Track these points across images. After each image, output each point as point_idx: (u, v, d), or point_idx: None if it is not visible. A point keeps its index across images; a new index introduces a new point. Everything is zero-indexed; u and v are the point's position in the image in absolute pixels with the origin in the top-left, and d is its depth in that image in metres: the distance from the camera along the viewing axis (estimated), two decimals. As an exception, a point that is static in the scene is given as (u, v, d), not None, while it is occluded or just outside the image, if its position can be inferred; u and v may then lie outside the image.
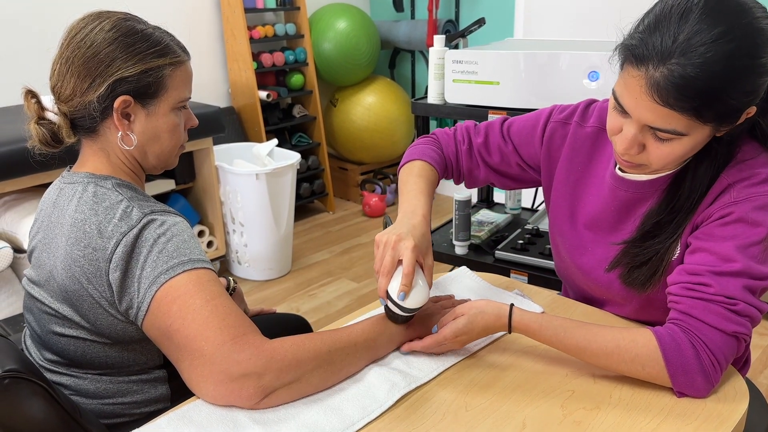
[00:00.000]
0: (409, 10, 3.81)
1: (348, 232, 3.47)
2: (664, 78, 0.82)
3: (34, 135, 1.02)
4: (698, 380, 0.87)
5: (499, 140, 1.20)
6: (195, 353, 0.86)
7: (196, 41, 3.25)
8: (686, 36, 0.81)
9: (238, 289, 1.37)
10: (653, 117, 0.86)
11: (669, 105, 0.83)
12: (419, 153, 1.20)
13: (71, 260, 0.95)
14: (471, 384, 0.95)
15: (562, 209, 1.15)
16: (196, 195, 2.88)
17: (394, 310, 0.98)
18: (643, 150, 0.92)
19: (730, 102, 0.83)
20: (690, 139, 0.88)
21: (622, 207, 1.06)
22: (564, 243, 1.16)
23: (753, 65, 0.82)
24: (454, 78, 1.93)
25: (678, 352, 0.88)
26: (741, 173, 0.92)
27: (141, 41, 0.98)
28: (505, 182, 1.24)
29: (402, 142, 3.80)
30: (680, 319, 0.90)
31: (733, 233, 0.90)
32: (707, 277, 0.89)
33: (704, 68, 0.80)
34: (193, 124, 1.10)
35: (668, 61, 0.82)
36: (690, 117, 0.84)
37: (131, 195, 0.98)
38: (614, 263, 1.04)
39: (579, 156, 1.12)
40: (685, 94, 0.82)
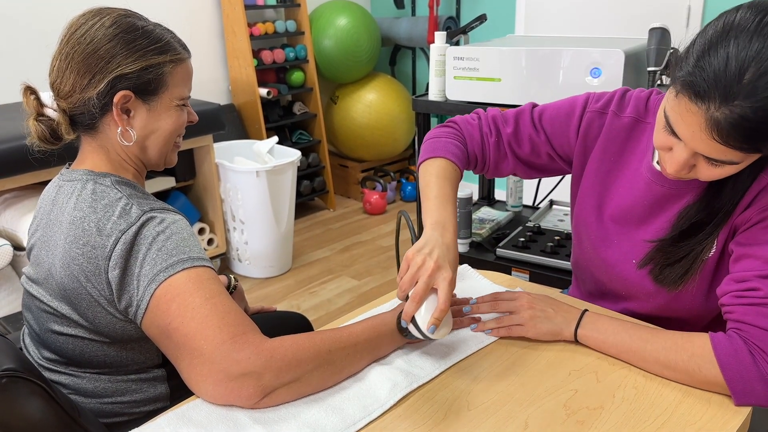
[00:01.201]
0: (410, 7, 3.80)
1: (349, 230, 3.46)
2: (725, 119, 0.78)
3: (32, 132, 1.02)
4: (758, 388, 0.85)
5: (530, 129, 1.15)
6: (194, 352, 0.86)
7: (197, 38, 3.24)
8: (751, 76, 0.76)
9: (238, 287, 1.36)
10: (709, 150, 0.83)
11: (729, 145, 0.80)
12: (442, 149, 1.13)
13: (70, 258, 0.94)
14: (473, 383, 0.94)
15: (589, 199, 1.13)
16: (197, 192, 2.87)
17: (415, 334, 0.93)
18: (692, 169, 0.90)
19: None
20: (742, 165, 0.86)
21: (656, 202, 1.04)
22: (588, 235, 1.14)
23: None
24: (455, 75, 1.92)
25: (735, 357, 0.86)
26: None
27: (142, 38, 0.98)
28: (531, 173, 1.20)
29: (403, 139, 3.79)
30: (736, 327, 0.89)
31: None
32: (755, 282, 0.88)
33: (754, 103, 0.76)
34: (193, 120, 1.10)
35: (731, 103, 0.77)
36: (749, 153, 0.83)
37: (130, 192, 0.97)
38: (646, 260, 1.02)
39: (613, 146, 1.09)
40: (748, 136, 0.79)
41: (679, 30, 2.77)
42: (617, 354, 0.97)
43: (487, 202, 2.50)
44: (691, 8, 2.76)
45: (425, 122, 2.09)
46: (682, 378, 0.91)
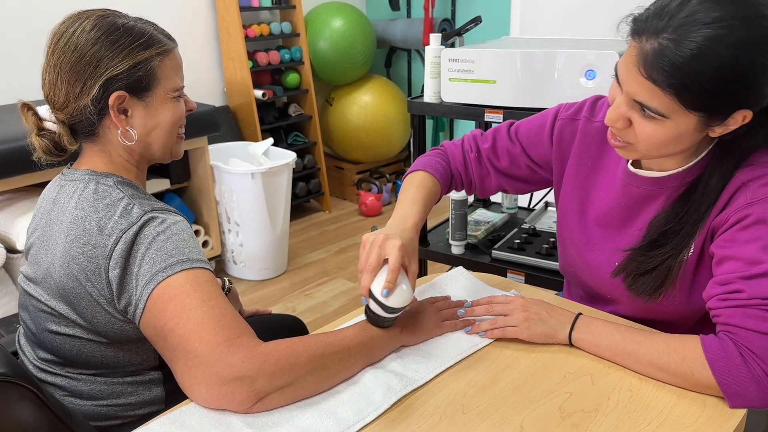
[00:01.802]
0: (405, 9, 3.80)
1: (344, 232, 3.46)
2: (652, 50, 0.84)
3: (36, 147, 1.02)
4: (751, 389, 0.84)
5: (507, 143, 1.20)
6: (189, 354, 0.85)
7: (192, 40, 3.24)
8: (683, 15, 0.82)
9: (233, 290, 1.36)
10: (638, 89, 0.87)
11: (651, 79, 0.84)
12: (423, 164, 1.20)
13: (70, 257, 0.94)
14: (468, 386, 0.94)
15: (571, 204, 1.15)
16: (191, 194, 2.87)
17: (375, 310, 0.96)
18: (629, 126, 0.92)
19: (711, 90, 0.83)
20: (673, 124, 0.88)
21: (633, 203, 1.05)
22: (572, 239, 1.15)
23: (741, 58, 0.81)
24: (451, 77, 1.92)
25: (726, 359, 0.86)
26: (754, 172, 0.92)
27: (124, 36, 0.97)
28: (517, 185, 1.23)
29: (398, 141, 3.79)
30: (725, 330, 0.89)
31: (754, 235, 0.89)
32: (738, 284, 0.88)
33: (688, 46, 0.81)
34: (192, 108, 1.09)
35: (660, 36, 0.83)
36: (671, 97, 0.84)
37: (132, 193, 0.98)
38: (619, 269, 1.03)
39: (589, 151, 1.12)
40: (665, 68, 0.83)
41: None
42: (611, 357, 0.97)
43: (483, 204, 2.50)
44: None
45: (420, 124, 2.09)
46: (675, 381, 0.91)
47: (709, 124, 0.88)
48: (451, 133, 3.85)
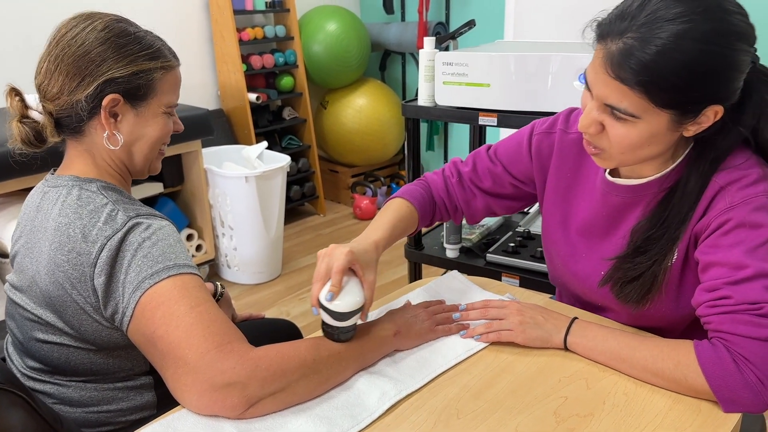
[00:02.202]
0: (400, 13, 3.80)
1: (339, 235, 3.45)
2: (618, 50, 0.84)
3: (15, 134, 1.00)
4: (744, 395, 0.84)
5: (488, 164, 1.20)
6: (179, 361, 0.84)
7: (185, 43, 3.23)
8: (645, 14, 0.83)
9: (225, 295, 1.35)
10: (608, 92, 0.87)
11: (620, 78, 0.85)
12: (401, 192, 1.20)
13: (55, 265, 0.93)
14: (463, 391, 0.94)
15: (554, 217, 1.15)
16: (185, 198, 2.85)
17: (324, 318, 0.94)
18: (602, 131, 0.92)
19: (679, 86, 0.83)
20: (646, 125, 0.88)
21: (614, 212, 1.05)
22: (557, 250, 1.15)
23: (706, 51, 0.82)
24: (445, 80, 1.91)
25: (719, 365, 0.86)
26: (731, 175, 0.92)
27: (133, 43, 0.98)
28: (504, 204, 1.23)
29: (393, 144, 3.79)
30: (716, 337, 0.89)
31: (737, 240, 0.88)
32: (725, 290, 0.87)
33: (653, 43, 0.82)
34: (178, 130, 1.09)
35: (624, 36, 0.84)
36: (641, 95, 0.85)
37: (116, 198, 0.96)
38: (606, 278, 1.03)
39: (567, 163, 1.12)
40: (632, 66, 0.83)
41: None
42: (606, 361, 0.97)
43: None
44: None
45: (415, 127, 2.09)
46: (670, 386, 0.91)
47: (681, 122, 0.88)
48: (446, 137, 3.85)
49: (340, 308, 0.92)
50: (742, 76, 0.87)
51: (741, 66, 0.86)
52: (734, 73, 0.86)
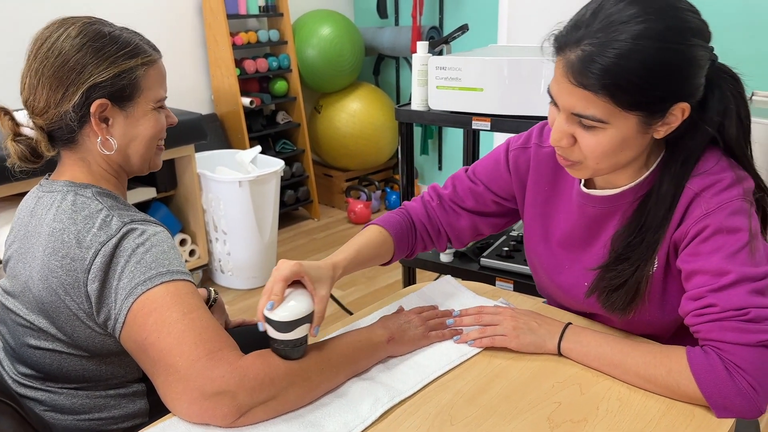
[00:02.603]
0: (393, 17, 3.81)
1: (333, 240, 3.45)
2: (577, 58, 0.85)
3: (12, 153, 1.00)
4: (737, 402, 0.84)
5: (468, 184, 1.20)
6: (170, 368, 0.84)
7: (178, 47, 3.22)
8: (600, 20, 0.85)
9: (219, 300, 1.35)
10: (573, 101, 0.88)
11: (583, 85, 0.85)
12: (377, 220, 1.18)
13: (48, 271, 0.92)
14: (456, 396, 0.93)
15: (535, 230, 1.15)
16: (178, 203, 2.84)
17: (268, 332, 0.89)
18: (574, 143, 0.92)
19: (642, 86, 0.84)
20: (615, 130, 0.88)
21: (592, 223, 1.05)
22: (541, 263, 1.16)
23: (664, 49, 0.83)
24: (438, 84, 1.92)
25: (711, 372, 0.86)
26: (704, 181, 0.92)
27: (110, 44, 0.96)
28: (490, 222, 1.23)
29: (387, 148, 3.79)
30: (707, 345, 0.89)
31: (716, 246, 0.88)
32: (710, 297, 0.87)
33: (611, 46, 0.83)
34: (172, 122, 1.08)
35: (581, 44, 0.85)
36: (606, 100, 0.85)
37: (111, 204, 0.96)
38: (592, 289, 1.03)
39: (544, 176, 1.13)
40: (593, 71, 0.84)
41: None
42: (599, 367, 0.97)
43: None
44: (670, 18, 2.79)
45: (408, 132, 2.09)
46: (663, 392, 0.91)
47: (650, 123, 0.88)
48: (440, 141, 3.86)
49: (281, 317, 0.87)
50: (702, 72, 0.88)
51: (699, 62, 0.87)
52: (694, 69, 0.86)
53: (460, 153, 3.72)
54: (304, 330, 0.90)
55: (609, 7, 0.85)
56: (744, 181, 0.91)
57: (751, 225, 0.88)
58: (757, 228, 0.89)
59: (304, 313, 0.89)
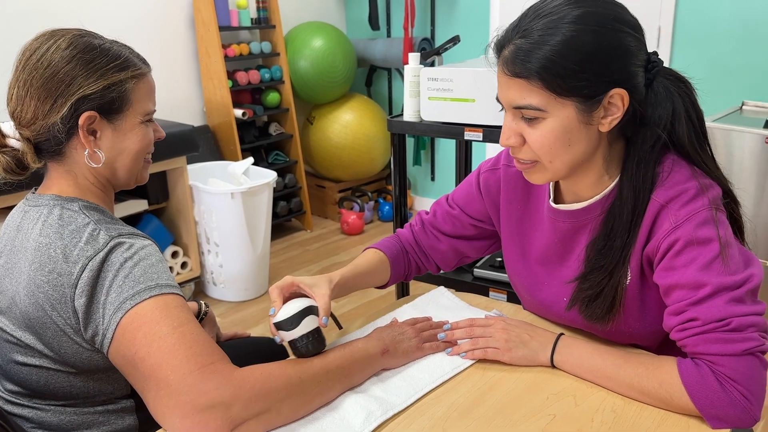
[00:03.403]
0: (385, 29, 3.82)
1: (326, 251, 3.44)
2: (510, 52, 0.90)
3: None
4: (731, 413, 0.84)
5: (446, 209, 1.25)
6: (160, 383, 0.83)
7: (170, 60, 3.22)
8: (529, 15, 0.91)
9: (210, 313, 1.34)
10: (512, 93, 0.91)
11: (516, 74, 0.89)
12: (374, 244, 1.25)
13: (35, 286, 0.91)
14: (450, 410, 0.92)
15: (512, 249, 1.17)
16: (170, 215, 2.83)
17: (280, 335, 0.96)
18: (524, 142, 0.94)
19: (569, 68, 0.86)
20: (555, 119, 0.90)
21: (564, 238, 1.06)
22: (521, 281, 1.17)
23: (587, 30, 0.86)
24: (430, 95, 1.92)
25: (702, 384, 0.86)
26: (669, 192, 0.92)
27: (100, 56, 0.96)
28: (474, 245, 1.26)
29: (380, 159, 3.79)
30: (697, 358, 0.89)
31: (689, 259, 0.89)
32: (690, 312, 0.88)
33: (535, 33, 0.88)
34: (160, 136, 1.08)
35: (513, 40, 0.90)
36: (539, 86, 0.88)
37: (98, 218, 0.95)
38: (572, 301, 1.03)
39: (515, 195, 1.14)
40: (522, 58, 0.88)
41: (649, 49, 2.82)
42: (593, 379, 0.97)
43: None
44: (661, 29, 2.82)
45: (401, 142, 2.09)
46: (657, 404, 0.91)
47: (589, 111, 0.90)
48: (433, 152, 3.86)
49: (282, 316, 0.95)
50: (634, 61, 0.90)
51: (629, 48, 0.89)
52: (622, 54, 0.89)
53: (452, 164, 3.73)
54: (311, 322, 0.96)
55: (539, 4, 0.91)
56: (709, 190, 0.92)
57: (720, 234, 0.88)
58: (727, 235, 0.90)
59: (302, 306, 0.96)
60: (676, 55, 2.82)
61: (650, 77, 0.93)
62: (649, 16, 2.82)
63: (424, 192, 4.00)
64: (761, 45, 2.61)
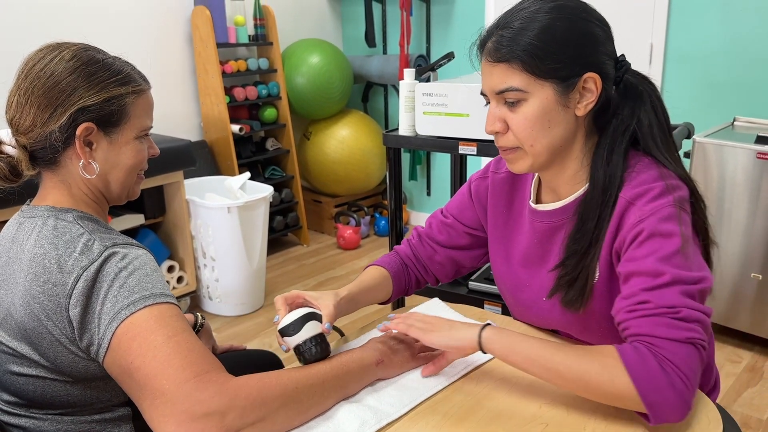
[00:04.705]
0: (381, 46, 3.86)
1: (322, 265, 3.44)
2: (493, 43, 0.98)
3: None
4: (670, 396, 0.83)
5: (441, 219, 1.29)
6: (156, 392, 0.83)
7: (168, 75, 3.25)
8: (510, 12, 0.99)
9: (206, 325, 1.34)
10: (494, 79, 0.98)
11: (498, 59, 0.97)
12: (374, 261, 1.29)
13: (30, 296, 0.92)
14: (444, 419, 0.93)
15: (499, 252, 1.20)
16: (166, 229, 2.84)
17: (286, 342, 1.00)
18: (507, 129, 1.00)
19: (547, 51, 0.94)
20: (536, 100, 0.96)
21: (544, 238, 1.10)
22: (504, 284, 1.20)
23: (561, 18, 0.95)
24: (425, 110, 1.94)
25: (643, 366, 0.85)
26: (636, 190, 0.96)
27: (102, 70, 0.98)
28: (469, 255, 1.28)
29: (375, 174, 3.81)
30: (636, 340, 0.89)
31: (651, 249, 0.91)
32: (643, 295, 0.90)
33: (516, 23, 0.96)
34: (154, 153, 1.09)
35: (496, 33, 0.99)
36: (519, 68, 0.95)
37: (93, 228, 0.96)
38: (553, 290, 1.06)
39: (501, 200, 1.19)
40: (504, 44, 0.96)
41: (642, 66, 2.86)
42: (525, 363, 0.93)
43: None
44: (653, 46, 2.86)
45: (396, 157, 2.11)
46: (595, 390, 0.88)
47: (566, 92, 0.96)
48: (428, 166, 3.88)
49: (285, 322, 0.99)
50: (603, 49, 0.98)
51: (598, 37, 0.98)
52: (592, 41, 0.97)
53: (448, 178, 3.75)
54: (313, 327, 0.99)
55: (517, 4, 1.00)
56: (676, 191, 0.95)
57: (682, 231, 0.92)
58: (689, 235, 0.93)
59: (303, 312, 1.00)
60: (668, 72, 2.86)
61: (619, 75, 1.00)
62: (642, 34, 2.86)
63: (419, 207, 4.01)
64: (752, 61, 2.65)
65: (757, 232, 2.31)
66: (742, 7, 2.63)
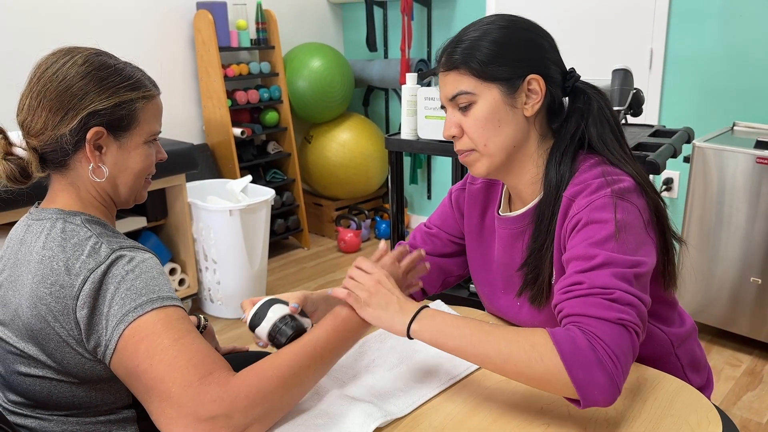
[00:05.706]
0: (383, 50, 3.88)
1: (323, 268, 3.45)
2: (445, 56, 1.06)
3: (0, 171, 1.01)
4: (597, 375, 0.82)
5: (424, 231, 1.33)
6: (162, 395, 0.84)
7: (171, 79, 3.26)
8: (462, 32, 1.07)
9: (209, 327, 1.35)
10: (448, 87, 1.05)
11: (449, 67, 1.04)
12: None
13: (37, 298, 0.92)
14: (446, 419, 0.94)
15: (475, 260, 1.24)
16: (168, 232, 2.85)
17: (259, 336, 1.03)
18: (463, 133, 1.06)
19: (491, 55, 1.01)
20: (484, 101, 1.02)
21: (509, 243, 1.14)
22: (482, 290, 1.23)
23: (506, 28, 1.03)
24: (427, 114, 1.95)
25: (573, 344, 0.84)
26: (576, 187, 1.01)
27: (114, 75, 0.99)
28: (456, 261, 1.31)
29: (376, 177, 3.82)
30: (569, 321, 0.89)
31: (585, 235, 0.95)
32: (576, 277, 0.92)
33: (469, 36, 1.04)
34: (162, 158, 1.10)
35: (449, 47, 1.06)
36: (466, 73, 1.02)
37: (100, 231, 0.97)
38: (521, 288, 1.11)
39: (475, 210, 1.24)
40: (455, 55, 1.04)
41: (642, 71, 2.87)
42: (454, 347, 0.92)
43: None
44: (653, 51, 2.87)
45: (398, 160, 2.12)
46: (524, 371, 0.87)
47: (512, 93, 1.02)
48: (429, 170, 3.90)
49: (250, 315, 1.03)
50: (548, 56, 1.05)
51: (541, 45, 1.05)
52: (535, 47, 1.04)
53: (448, 182, 3.76)
54: (279, 309, 1.02)
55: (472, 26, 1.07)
56: (615, 183, 0.98)
57: (617, 218, 0.94)
58: (626, 221, 0.94)
59: (265, 299, 1.03)
60: (668, 77, 2.87)
61: (569, 85, 1.07)
62: (642, 39, 2.88)
63: (420, 210, 4.03)
64: (751, 67, 2.66)
65: (756, 236, 2.32)
66: (742, 12, 2.64)
